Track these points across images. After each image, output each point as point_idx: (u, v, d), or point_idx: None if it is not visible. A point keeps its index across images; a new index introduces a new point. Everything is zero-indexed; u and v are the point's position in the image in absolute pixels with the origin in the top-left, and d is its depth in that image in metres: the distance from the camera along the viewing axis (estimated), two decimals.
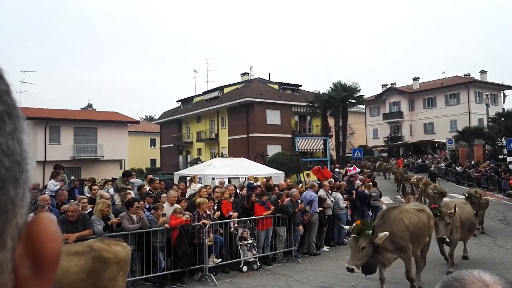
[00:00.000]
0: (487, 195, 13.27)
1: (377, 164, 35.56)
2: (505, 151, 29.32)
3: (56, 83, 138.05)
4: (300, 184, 15.25)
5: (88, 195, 9.93)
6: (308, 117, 38.66)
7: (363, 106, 50.24)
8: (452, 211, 7.91)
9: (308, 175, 19.25)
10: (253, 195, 10.31)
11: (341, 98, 34.00)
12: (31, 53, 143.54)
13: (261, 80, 41.28)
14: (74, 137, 30.46)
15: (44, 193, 9.23)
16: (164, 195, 9.40)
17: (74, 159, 29.87)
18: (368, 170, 27.36)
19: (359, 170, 22.44)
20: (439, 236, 7.75)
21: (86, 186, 11.25)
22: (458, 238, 8.31)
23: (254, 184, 13.21)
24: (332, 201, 11.68)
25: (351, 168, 21.79)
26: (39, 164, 28.21)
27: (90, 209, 8.20)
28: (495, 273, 0.98)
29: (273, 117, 35.84)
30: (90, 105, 45.15)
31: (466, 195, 11.49)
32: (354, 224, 6.38)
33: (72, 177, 13.62)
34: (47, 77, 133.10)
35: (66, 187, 10.82)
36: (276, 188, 12.26)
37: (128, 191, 9.18)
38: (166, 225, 8.08)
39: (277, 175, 17.53)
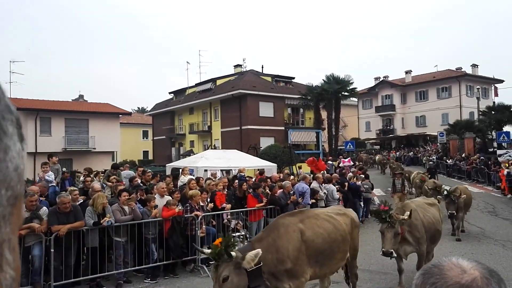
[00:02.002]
0: (468, 193, 11.80)
1: (377, 157, 34.45)
2: (495, 144, 29.68)
3: (46, 74, 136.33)
4: (292, 176, 15.31)
5: (81, 186, 9.91)
6: (301, 110, 38.72)
7: (355, 99, 50.41)
8: (406, 217, 6.37)
9: (300, 167, 19.32)
10: (244, 183, 10.37)
11: (334, 91, 34.06)
12: (20, 43, 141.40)
13: (254, 72, 41.16)
14: (65, 129, 30.22)
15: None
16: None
17: (65, 151, 29.64)
18: (360, 163, 27.41)
19: (353, 163, 22.49)
20: (384, 249, 6.23)
21: (82, 176, 11.20)
22: (411, 250, 6.87)
23: (245, 176, 13.25)
24: (325, 193, 11.76)
25: (346, 160, 21.95)
26: (29, 156, 27.96)
27: (82, 201, 8.18)
28: (472, 259, 1.01)
29: (266, 110, 35.83)
30: (81, 96, 44.71)
31: (445, 192, 10.69)
32: (211, 244, 4.46)
33: (63, 169, 13.51)
34: (37, 68, 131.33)
35: (59, 177, 10.77)
36: (269, 180, 12.31)
37: (118, 182, 9.14)
38: (158, 214, 8.09)
39: (269, 167, 17.60)
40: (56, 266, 6.69)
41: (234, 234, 9.25)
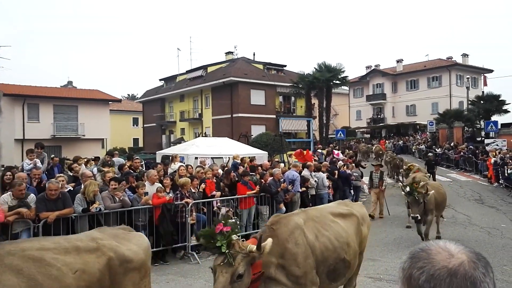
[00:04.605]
0: (441, 191, 9.76)
1: (374, 147, 31.57)
2: (483, 133, 30.05)
3: (34, 60, 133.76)
4: (283, 164, 15.35)
5: (71, 174, 9.81)
6: (292, 98, 38.69)
7: (347, 88, 50.52)
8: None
9: (290, 155, 19.39)
10: (232, 171, 10.38)
11: (326, 79, 34.05)
12: (6, 28, 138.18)
13: (245, 59, 40.91)
14: (54, 115, 29.84)
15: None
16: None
17: (54, 138, 29.31)
18: (350, 151, 27.38)
19: (342, 156, 22.43)
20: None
21: (66, 166, 11.08)
22: None
23: (239, 163, 13.27)
24: (315, 181, 11.83)
25: (336, 153, 22.10)
26: (17, 142, 27.60)
27: (71, 188, 8.11)
28: (459, 243, 1.02)
29: (258, 97, 35.74)
30: (70, 82, 44.12)
31: (407, 189, 8.62)
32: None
33: (52, 155, 13.36)
34: (24, 53, 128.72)
35: (45, 167, 10.63)
36: (260, 167, 12.34)
37: (107, 170, 9.07)
38: (149, 202, 8.07)
39: (260, 155, 17.62)
40: None
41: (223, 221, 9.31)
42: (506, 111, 32.15)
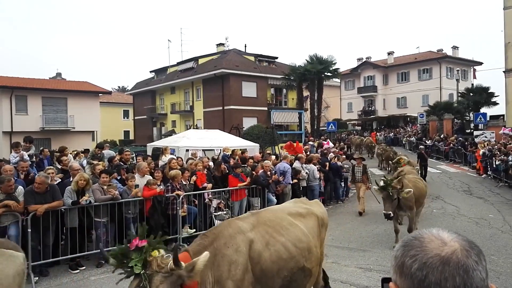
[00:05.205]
0: (420, 185, 8.94)
1: (365, 139, 31.00)
2: (472, 125, 30.39)
3: (21, 51, 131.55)
4: (274, 157, 15.37)
5: (59, 167, 9.70)
6: (284, 90, 38.64)
7: (338, 80, 50.60)
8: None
9: (282, 147, 19.42)
10: (222, 163, 10.36)
11: (317, 71, 34.04)
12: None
13: (237, 51, 40.67)
14: (43, 107, 29.46)
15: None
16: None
17: (43, 130, 28.97)
18: (342, 144, 27.40)
19: (332, 145, 22.55)
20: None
21: (55, 157, 10.95)
22: None
23: (229, 155, 13.24)
24: (306, 172, 11.86)
25: (325, 142, 22.27)
26: (5, 135, 27.23)
27: (60, 180, 8.01)
28: (452, 231, 1.00)
29: (249, 90, 35.61)
30: (59, 74, 43.42)
31: (381, 183, 7.91)
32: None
33: (41, 148, 13.18)
34: (11, 45, 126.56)
35: (33, 160, 10.47)
36: (251, 160, 12.33)
37: (97, 162, 8.98)
38: (139, 194, 8.01)
39: (252, 147, 17.61)
40: (33, 246, 6.59)
41: (216, 213, 9.30)
42: (495, 103, 32.52)
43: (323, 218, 4.50)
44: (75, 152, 14.27)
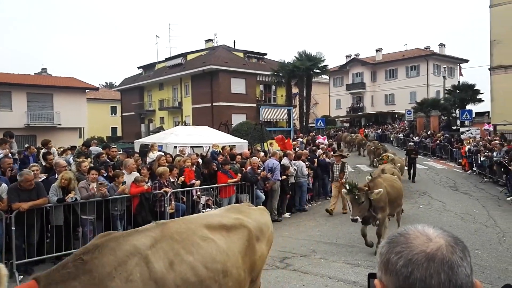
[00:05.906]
0: (392, 180, 8.34)
1: (356, 136, 30.03)
2: (458, 121, 30.81)
3: (5, 46, 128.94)
4: (263, 153, 15.37)
5: (44, 164, 9.53)
6: (273, 87, 38.67)
7: (327, 77, 50.81)
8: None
9: (271, 144, 19.43)
10: (212, 162, 10.33)
11: (306, 68, 34.15)
12: None
13: (225, 47, 40.53)
14: (28, 103, 28.93)
15: None
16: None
17: (28, 126, 28.48)
18: (331, 140, 27.47)
19: (327, 142, 22.66)
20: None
21: (41, 153, 10.74)
22: None
23: (218, 152, 13.20)
24: (295, 169, 11.88)
25: (322, 137, 22.53)
26: None
27: (44, 177, 7.88)
28: (438, 227, 1.00)
29: (238, 86, 35.54)
30: (44, 70, 42.69)
31: (347, 186, 7.29)
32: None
33: (26, 145, 12.93)
34: None
35: (16, 155, 10.26)
36: (239, 156, 12.31)
37: (82, 159, 8.85)
38: (126, 190, 7.92)
39: (240, 144, 17.58)
40: (18, 245, 6.48)
41: (204, 210, 9.26)
42: (480, 100, 33.03)
43: (261, 231, 3.75)
44: (62, 149, 14.05)
